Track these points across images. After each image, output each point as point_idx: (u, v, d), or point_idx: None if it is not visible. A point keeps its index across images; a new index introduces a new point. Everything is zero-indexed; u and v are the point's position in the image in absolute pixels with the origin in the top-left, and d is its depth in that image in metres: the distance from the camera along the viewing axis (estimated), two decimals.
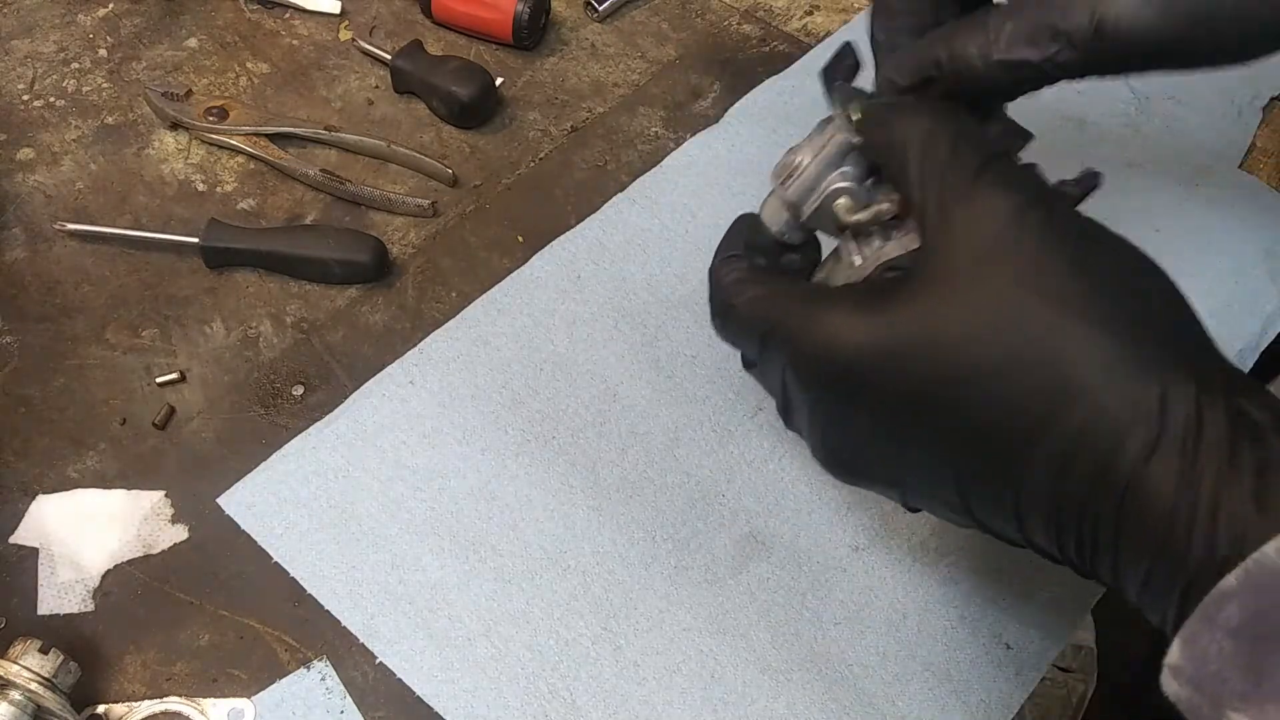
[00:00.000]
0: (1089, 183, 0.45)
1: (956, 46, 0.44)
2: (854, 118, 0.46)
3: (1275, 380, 0.71)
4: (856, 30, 0.84)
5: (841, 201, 0.46)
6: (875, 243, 0.45)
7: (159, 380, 0.62)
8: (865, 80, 0.51)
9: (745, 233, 0.49)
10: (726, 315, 0.46)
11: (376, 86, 0.78)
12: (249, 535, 0.57)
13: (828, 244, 0.50)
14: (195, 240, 0.66)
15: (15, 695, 0.48)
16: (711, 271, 0.49)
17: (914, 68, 0.45)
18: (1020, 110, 0.50)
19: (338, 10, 0.82)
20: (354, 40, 0.80)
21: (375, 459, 0.60)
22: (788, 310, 0.43)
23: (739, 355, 0.66)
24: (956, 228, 0.38)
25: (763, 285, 0.45)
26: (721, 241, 0.50)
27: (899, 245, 0.44)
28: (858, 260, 0.45)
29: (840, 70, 0.51)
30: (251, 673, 0.53)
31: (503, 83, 0.77)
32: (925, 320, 0.38)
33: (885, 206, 0.45)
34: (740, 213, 0.51)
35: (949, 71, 0.44)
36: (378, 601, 0.55)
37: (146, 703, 0.52)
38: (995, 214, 0.38)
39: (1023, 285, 0.36)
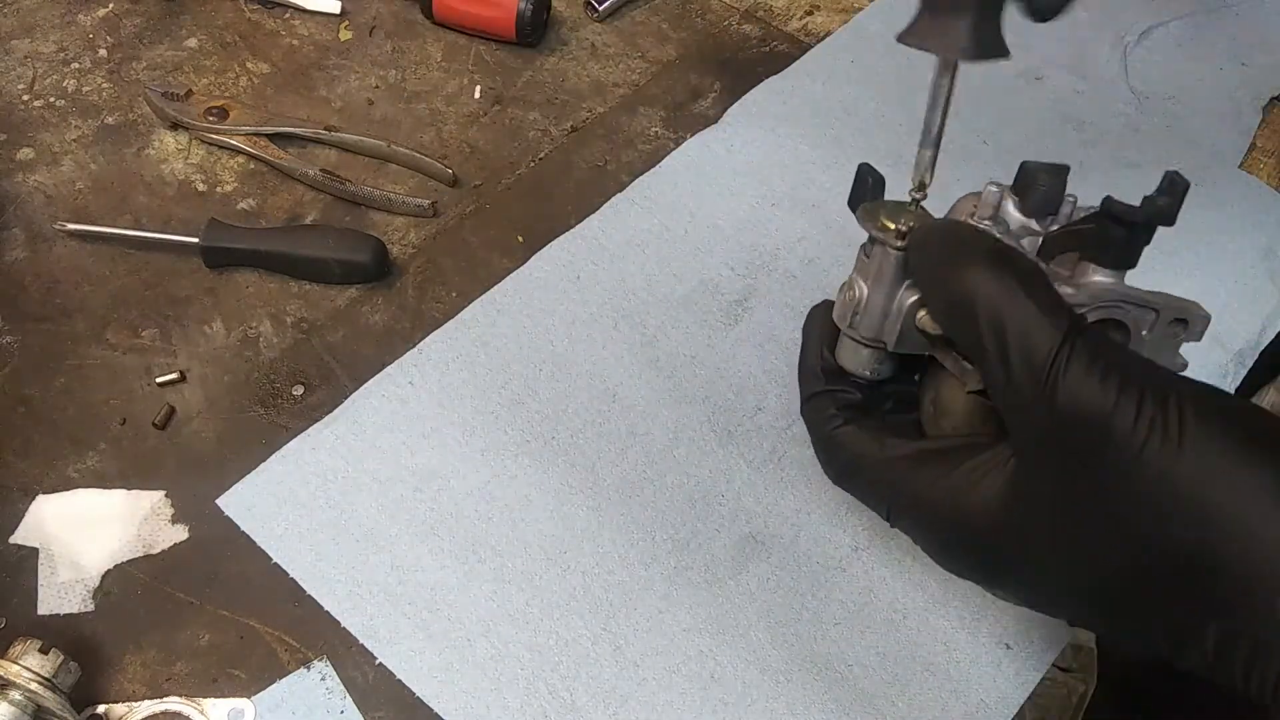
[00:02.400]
0: (1179, 190, 0.41)
1: None
2: (897, 228, 0.42)
3: (1276, 380, 0.71)
4: (857, 29, 0.84)
5: (924, 314, 0.42)
6: None
7: (159, 380, 0.62)
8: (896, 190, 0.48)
9: (824, 360, 0.45)
10: (844, 478, 0.44)
11: (376, 86, 0.78)
12: (249, 535, 0.57)
13: None
14: (195, 240, 0.66)
15: (15, 695, 0.48)
16: (804, 411, 0.45)
17: None
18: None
19: (338, 10, 0.82)
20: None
21: (375, 459, 0.60)
22: (908, 484, 0.41)
23: (739, 356, 0.67)
24: (1045, 419, 0.35)
25: (876, 448, 0.42)
26: (800, 363, 0.46)
27: None
28: (967, 365, 0.41)
29: (865, 193, 0.47)
30: (251, 673, 0.53)
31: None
32: (1043, 506, 0.36)
33: None
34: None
35: None
36: (377, 602, 0.55)
37: (146, 703, 0.52)
38: (1087, 409, 0.34)
39: (1138, 484, 0.34)
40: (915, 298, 0.43)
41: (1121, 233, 0.40)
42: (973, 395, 0.42)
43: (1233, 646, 0.33)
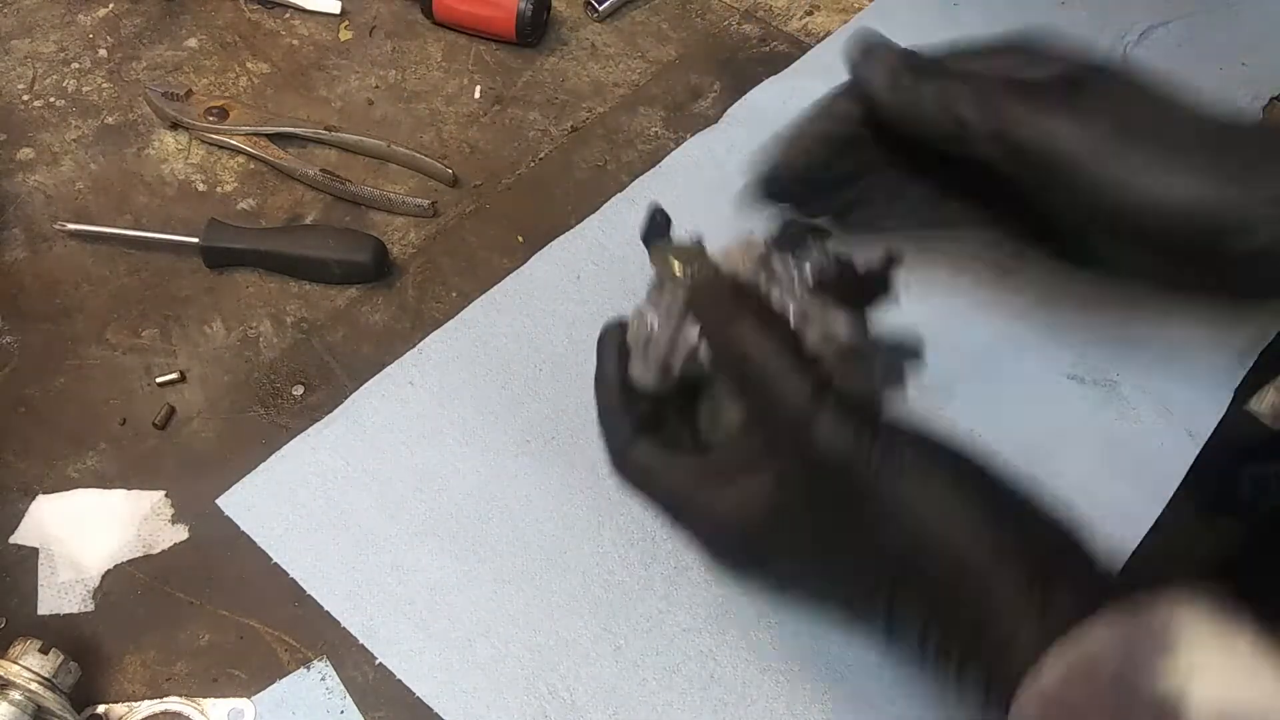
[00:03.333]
0: (890, 263, 0.50)
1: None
2: (685, 272, 0.50)
3: (1275, 380, 0.71)
4: (856, 30, 0.84)
5: (704, 347, 0.49)
6: None
7: (159, 380, 0.62)
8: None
9: (615, 374, 0.52)
10: (636, 487, 0.51)
11: (376, 86, 0.78)
12: (249, 535, 0.57)
13: None
14: (195, 240, 0.66)
15: (15, 695, 0.48)
16: (602, 424, 0.52)
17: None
18: None
19: (338, 10, 0.82)
20: None
21: (375, 459, 0.60)
22: (693, 494, 0.48)
23: None
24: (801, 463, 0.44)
25: (664, 460, 0.50)
26: (596, 377, 0.53)
27: None
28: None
29: (656, 231, 0.54)
30: (251, 673, 0.53)
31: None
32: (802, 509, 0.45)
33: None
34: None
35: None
36: (377, 602, 0.55)
37: (146, 703, 0.52)
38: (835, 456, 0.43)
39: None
40: (698, 333, 0.50)
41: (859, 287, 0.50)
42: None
43: (935, 634, 0.43)
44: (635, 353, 0.51)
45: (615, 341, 0.53)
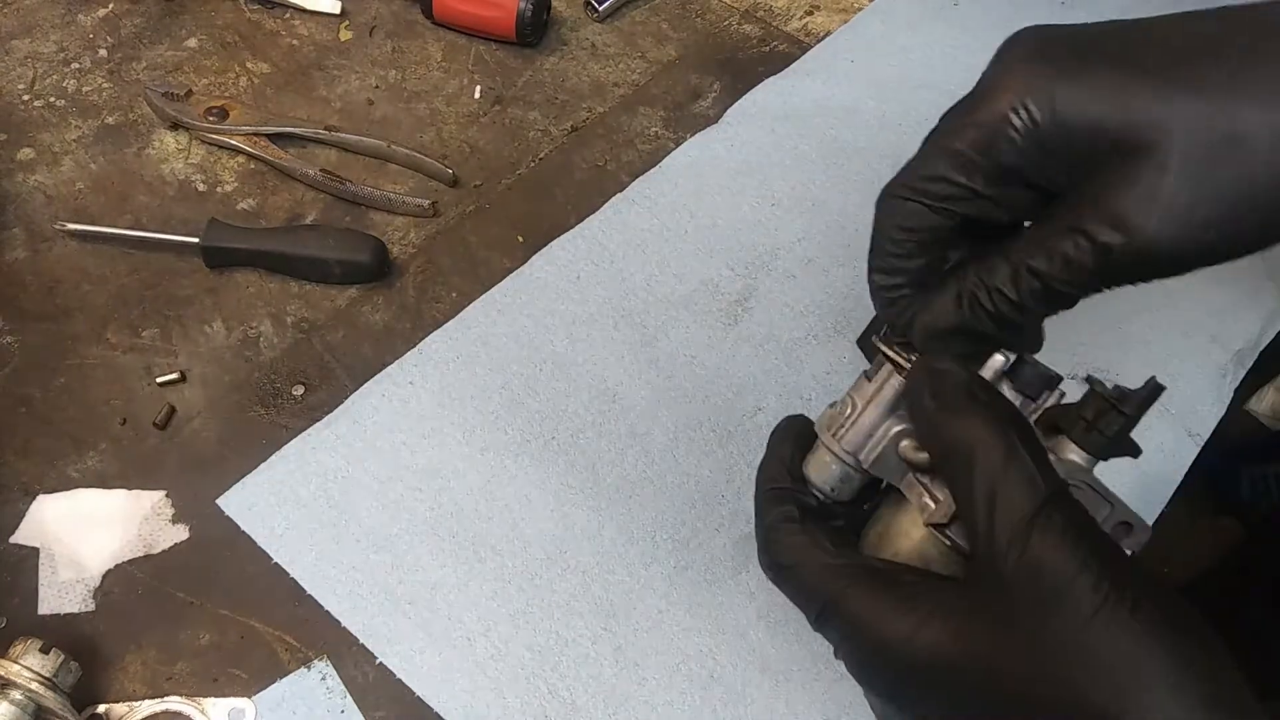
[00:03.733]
0: (1152, 394, 0.43)
1: (989, 283, 0.43)
2: (910, 358, 0.45)
3: (1276, 380, 0.71)
4: (857, 29, 0.84)
5: (907, 444, 0.44)
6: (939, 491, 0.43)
7: (159, 380, 0.62)
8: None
9: (791, 462, 0.47)
10: (780, 574, 0.44)
11: (376, 86, 0.78)
12: (249, 535, 0.57)
13: None
14: (195, 240, 0.66)
15: (16, 695, 0.48)
16: (758, 504, 0.46)
17: (955, 314, 0.44)
18: None
19: (338, 10, 0.82)
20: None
21: (375, 459, 0.60)
22: (853, 598, 0.42)
23: (739, 356, 0.67)
24: (1013, 571, 0.37)
25: (822, 552, 0.43)
26: (766, 456, 0.47)
27: None
28: (930, 503, 0.43)
29: (871, 328, 0.49)
30: (252, 672, 0.53)
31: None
32: (989, 650, 0.37)
33: None
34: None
35: (986, 314, 0.43)
36: (378, 602, 0.55)
37: (147, 702, 0.52)
38: (1054, 568, 0.37)
39: (1088, 645, 0.36)
40: (901, 426, 0.45)
41: (1119, 421, 0.43)
42: (927, 531, 0.43)
43: None
44: (822, 439, 0.46)
45: (793, 430, 0.48)
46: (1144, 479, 0.65)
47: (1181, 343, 0.70)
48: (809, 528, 0.44)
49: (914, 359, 0.45)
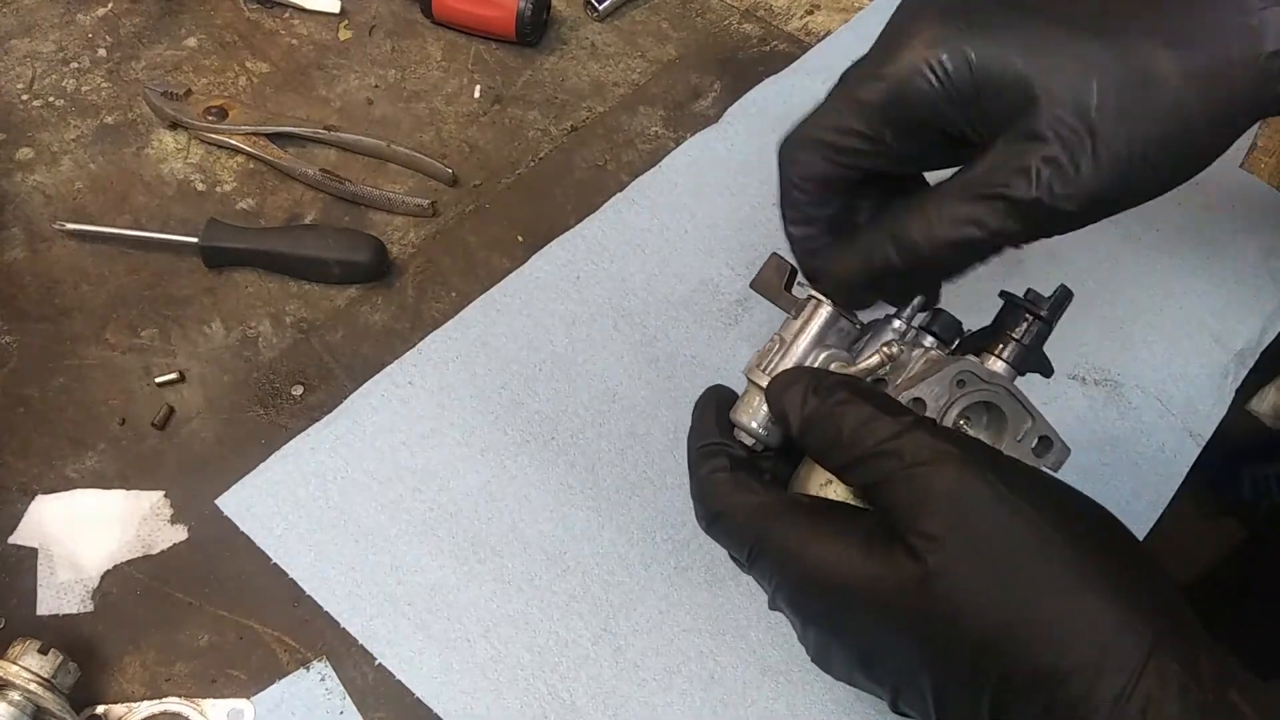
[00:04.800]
0: (1061, 300, 0.46)
1: (901, 237, 0.44)
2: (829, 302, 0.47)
3: (1276, 380, 0.71)
4: (858, 29, 0.84)
5: (836, 366, 0.46)
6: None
7: (158, 380, 0.62)
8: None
9: (718, 418, 0.48)
10: (713, 521, 0.45)
11: (376, 86, 0.78)
12: (248, 536, 0.57)
13: None
14: (194, 240, 0.66)
15: (14, 695, 0.48)
16: (690, 463, 0.47)
17: (865, 269, 0.46)
18: None
19: (337, 10, 0.82)
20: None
21: (374, 460, 0.60)
22: (780, 531, 0.42)
23: (739, 356, 0.67)
24: (933, 507, 0.39)
25: (750, 494, 0.44)
26: (693, 422, 0.49)
27: (904, 388, 0.44)
28: None
29: (784, 279, 0.50)
30: (251, 673, 0.53)
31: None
32: (923, 580, 0.38)
33: (875, 360, 0.45)
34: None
35: (902, 263, 0.44)
36: (377, 602, 0.55)
37: (146, 703, 0.52)
38: (974, 504, 0.38)
39: (1018, 561, 0.37)
40: (828, 353, 0.47)
41: (1036, 325, 0.46)
42: None
43: None
44: (750, 379, 0.47)
45: (716, 394, 0.49)
46: (1145, 479, 0.65)
47: (1183, 343, 0.70)
48: (738, 475, 0.45)
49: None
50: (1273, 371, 0.71)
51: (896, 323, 0.47)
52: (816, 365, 0.47)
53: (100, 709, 0.52)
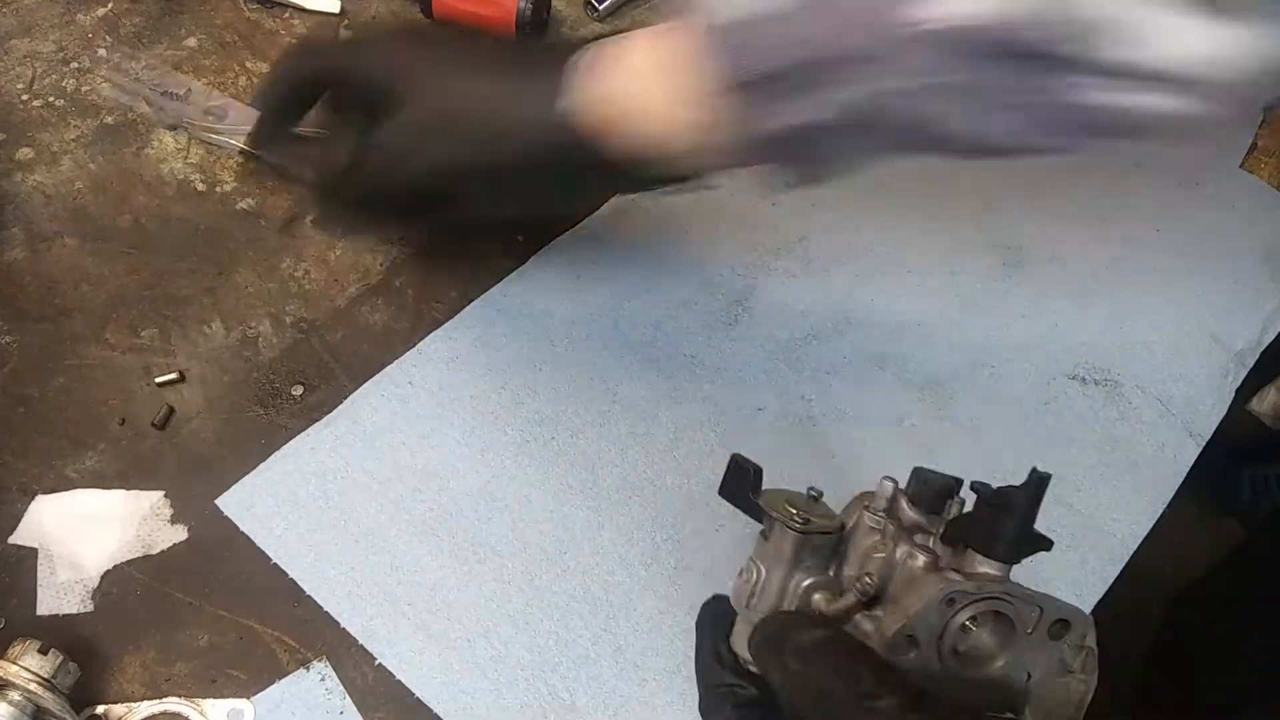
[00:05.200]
0: (1038, 488, 0.42)
1: None
2: (798, 512, 0.45)
3: (1276, 380, 0.71)
4: None
5: (819, 596, 0.44)
6: (866, 625, 0.43)
7: (158, 380, 0.62)
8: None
9: (718, 648, 0.46)
10: None
11: None
12: (248, 535, 0.57)
13: None
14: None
15: (14, 696, 0.48)
16: (703, 712, 0.46)
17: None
18: None
19: (337, 10, 0.82)
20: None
21: (374, 460, 0.60)
22: None
23: (738, 356, 0.67)
24: None
25: None
26: (697, 646, 0.47)
27: (893, 619, 0.41)
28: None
29: (745, 483, 0.48)
30: (251, 673, 0.53)
31: None
32: None
33: (865, 581, 0.42)
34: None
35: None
36: (377, 602, 0.55)
37: (146, 703, 0.52)
38: None
39: None
40: (810, 580, 0.44)
41: (1012, 524, 0.42)
42: None
43: None
44: (741, 614, 0.46)
45: (712, 611, 0.47)
46: (1145, 479, 0.65)
47: (1183, 343, 0.70)
48: (739, 708, 0.43)
49: (800, 515, 0.44)
50: (1273, 371, 0.71)
51: (872, 519, 0.45)
52: (799, 592, 0.45)
53: (100, 709, 0.52)
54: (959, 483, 0.46)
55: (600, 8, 0.83)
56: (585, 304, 0.67)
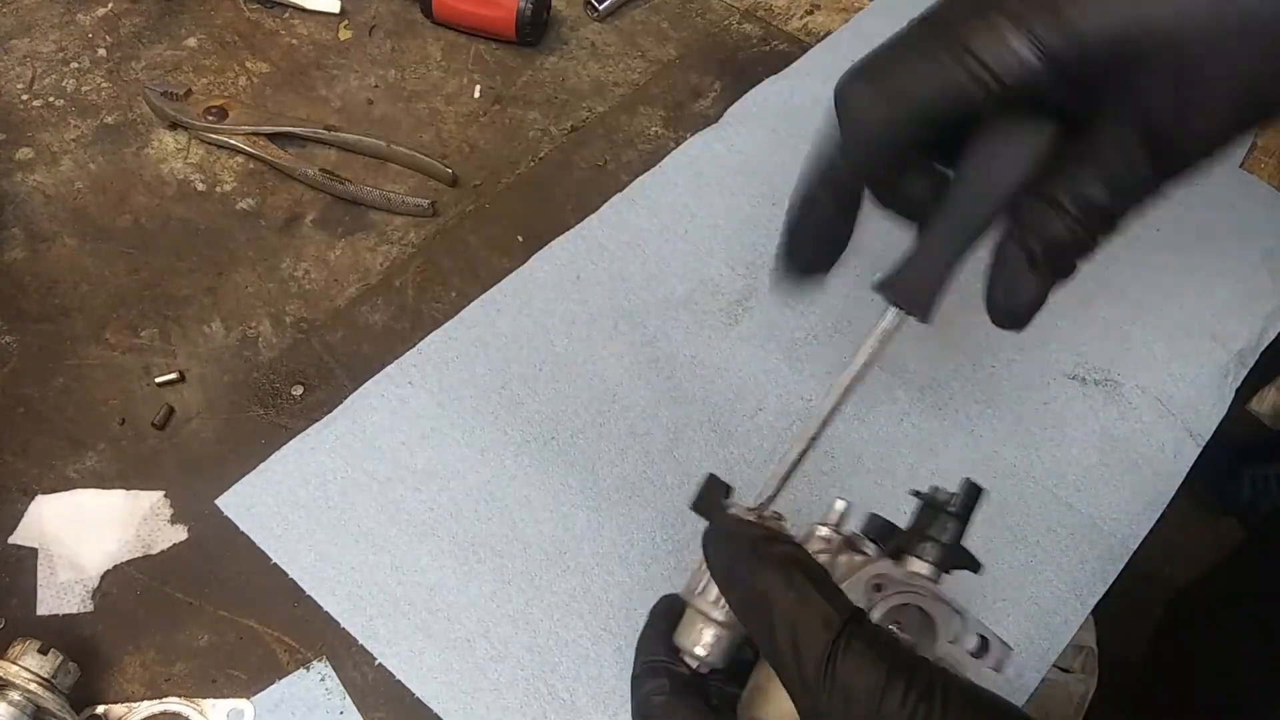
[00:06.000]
0: (970, 495, 0.44)
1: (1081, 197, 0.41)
2: (745, 516, 0.45)
3: (1277, 380, 0.71)
4: (858, 29, 0.84)
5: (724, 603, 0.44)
6: None
7: (158, 380, 0.62)
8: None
9: (666, 633, 0.46)
10: None
11: (376, 86, 0.78)
12: (248, 536, 0.57)
13: None
14: None
15: (14, 696, 0.48)
16: (633, 677, 0.46)
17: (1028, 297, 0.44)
18: None
19: (337, 10, 0.82)
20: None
21: (374, 460, 0.60)
22: None
23: (739, 356, 0.67)
24: (827, 702, 0.38)
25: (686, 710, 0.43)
26: (641, 637, 0.47)
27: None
28: None
29: (715, 498, 0.49)
30: (251, 673, 0.53)
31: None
32: None
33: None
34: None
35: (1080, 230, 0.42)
36: (377, 602, 0.55)
37: (146, 703, 0.52)
38: (862, 689, 0.37)
39: None
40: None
41: (944, 527, 0.44)
42: None
43: None
44: (687, 601, 0.46)
45: (667, 603, 0.47)
46: (1145, 479, 0.65)
47: (1183, 343, 0.70)
48: (677, 700, 0.43)
49: (756, 513, 0.45)
50: (1273, 371, 0.71)
51: (823, 530, 0.46)
52: None
53: (100, 709, 0.52)
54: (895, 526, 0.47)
55: (600, 8, 0.83)
56: (585, 304, 0.67)
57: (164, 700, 0.52)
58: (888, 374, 0.67)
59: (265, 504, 0.58)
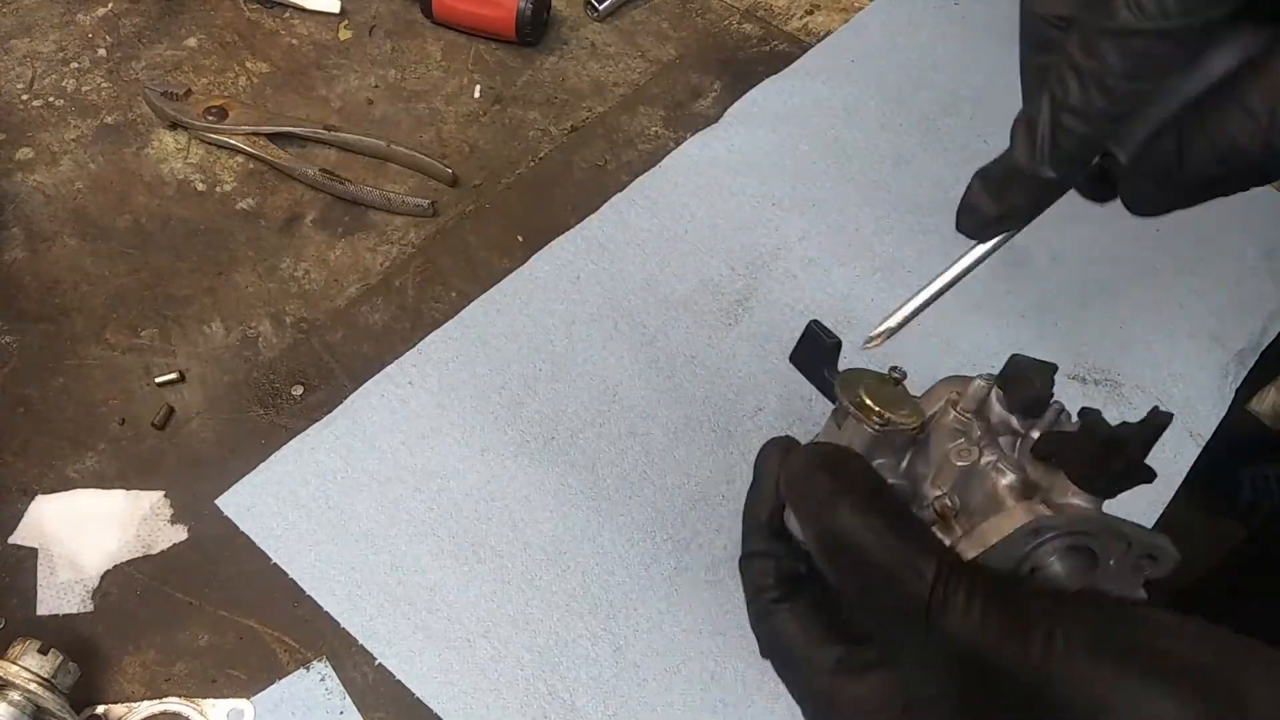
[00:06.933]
0: (1157, 429, 0.38)
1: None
2: (880, 413, 0.41)
3: (1276, 380, 0.71)
4: (858, 29, 0.84)
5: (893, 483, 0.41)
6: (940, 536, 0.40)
7: (158, 380, 0.62)
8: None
9: (771, 510, 0.43)
10: (772, 657, 0.42)
11: (376, 86, 0.78)
12: (248, 536, 0.57)
13: None
14: None
15: (14, 695, 0.48)
16: (743, 573, 0.43)
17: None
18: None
19: (337, 10, 0.82)
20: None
21: (374, 460, 0.60)
22: (826, 690, 0.39)
23: (739, 356, 0.67)
24: (947, 662, 0.35)
25: (804, 639, 0.40)
26: (746, 514, 0.44)
27: (970, 544, 0.38)
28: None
29: (819, 354, 0.44)
30: (251, 673, 0.53)
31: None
32: None
33: (944, 504, 0.40)
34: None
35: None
36: (377, 602, 0.55)
37: (146, 703, 0.52)
38: (979, 643, 0.34)
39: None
40: (880, 461, 0.42)
41: (1120, 464, 0.38)
42: None
43: None
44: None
45: (776, 463, 0.43)
46: None
47: (1183, 343, 0.70)
48: (791, 611, 0.41)
49: (879, 414, 0.41)
50: (1273, 371, 0.71)
51: (956, 418, 0.41)
52: None
53: (100, 709, 0.52)
54: (1052, 373, 0.42)
55: (600, 8, 0.83)
56: (585, 304, 0.67)
57: (164, 700, 0.52)
58: None
59: (265, 504, 0.58)
